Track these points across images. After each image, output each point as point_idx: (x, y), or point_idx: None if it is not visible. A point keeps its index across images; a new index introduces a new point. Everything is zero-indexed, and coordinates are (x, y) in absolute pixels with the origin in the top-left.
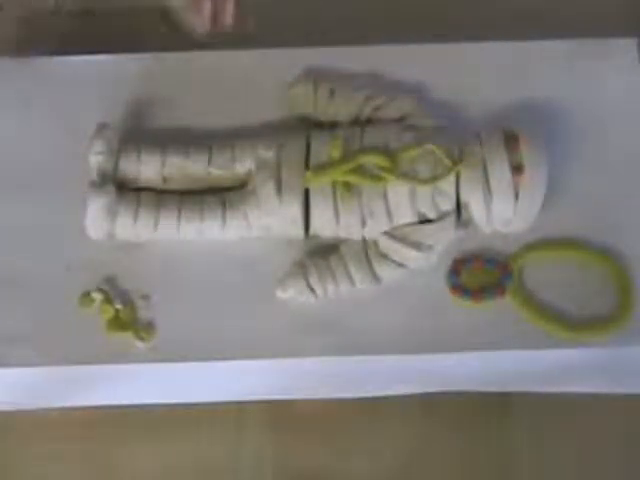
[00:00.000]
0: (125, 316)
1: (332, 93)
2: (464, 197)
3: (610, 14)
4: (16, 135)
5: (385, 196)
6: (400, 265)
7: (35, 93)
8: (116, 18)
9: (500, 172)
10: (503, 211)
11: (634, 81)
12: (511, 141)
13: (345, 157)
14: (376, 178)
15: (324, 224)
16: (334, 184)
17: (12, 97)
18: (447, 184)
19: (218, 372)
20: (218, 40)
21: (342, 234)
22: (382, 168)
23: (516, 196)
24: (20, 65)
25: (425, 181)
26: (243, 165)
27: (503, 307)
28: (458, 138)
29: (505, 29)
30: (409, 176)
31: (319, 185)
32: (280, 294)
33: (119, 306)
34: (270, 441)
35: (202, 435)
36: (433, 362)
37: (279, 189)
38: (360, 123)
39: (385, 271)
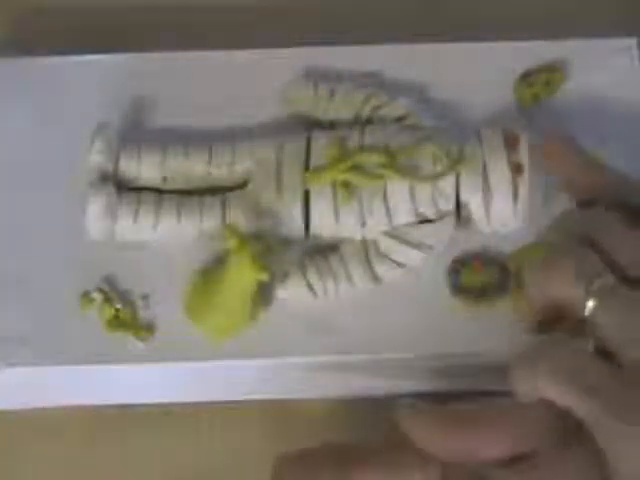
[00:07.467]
0: (125, 316)
1: (332, 93)
2: (464, 197)
3: (610, 14)
4: (15, 135)
5: (385, 196)
6: (400, 265)
7: (35, 93)
8: (116, 17)
9: (500, 172)
10: (503, 211)
11: (634, 81)
12: (511, 141)
13: (344, 156)
14: (375, 176)
15: (324, 224)
16: (334, 184)
17: (12, 97)
18: (447, 184)
19: (218, 372)
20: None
21: (342, 234)
22: (381, 165)
23: (516, 196)
24: (20, 65)
25: (424, 178)
26: (243, 165)
27: (503, 307)
28: (458, 138)
29: (505, 29)
30: (408, 173)
31: (319, 185)
32: (280, 294)
33: (119, 306)
34: (270, 441)
35: (202, 435)
36: (433, 362)
37: (279, 189)
38: (360, 123)
39: (385, 271)
